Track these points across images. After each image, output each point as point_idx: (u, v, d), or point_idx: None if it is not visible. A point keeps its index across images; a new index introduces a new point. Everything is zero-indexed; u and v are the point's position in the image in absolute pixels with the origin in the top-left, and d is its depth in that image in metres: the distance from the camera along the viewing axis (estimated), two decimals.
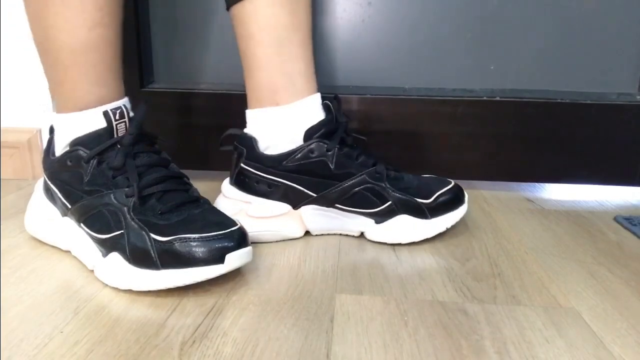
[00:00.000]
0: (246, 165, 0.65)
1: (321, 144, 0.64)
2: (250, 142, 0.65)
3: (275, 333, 0.45)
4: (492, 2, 0.83)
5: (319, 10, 0.84)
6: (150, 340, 0.43)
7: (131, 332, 0.44)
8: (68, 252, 0.60)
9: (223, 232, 0.51)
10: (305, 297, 0.51)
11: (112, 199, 0.54)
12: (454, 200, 0.66)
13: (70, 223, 0.58)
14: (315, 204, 0.66)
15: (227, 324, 0.46)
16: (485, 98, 0.85)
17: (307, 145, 0.64)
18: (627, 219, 0.74)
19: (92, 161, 0.55)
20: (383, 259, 0.61)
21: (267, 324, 0.46)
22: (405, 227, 0.64)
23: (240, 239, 0.51)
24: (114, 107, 0.56)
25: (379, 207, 0.64)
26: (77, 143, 0.56)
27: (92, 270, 0.55)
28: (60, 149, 0.58)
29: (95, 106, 0.56)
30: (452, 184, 0.67)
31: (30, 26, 0.58)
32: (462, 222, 0.68)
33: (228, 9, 0.65)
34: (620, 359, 0.42)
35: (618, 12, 0.83)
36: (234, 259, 0.50)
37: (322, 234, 0.68)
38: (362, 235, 0.67)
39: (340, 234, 0.68)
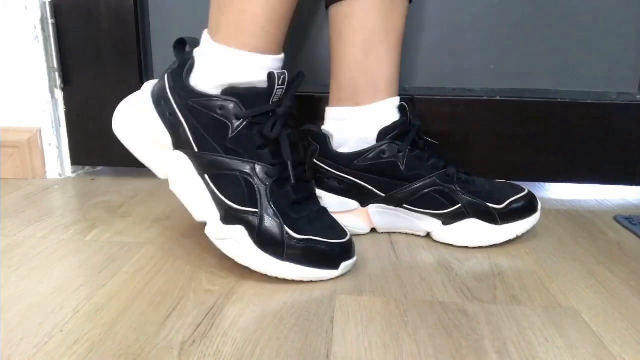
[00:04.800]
0: (319, 161, 0.67)
1: (393, 145, 0.65)
2: (324, 139, 0.67)
3: (275, 333, 0.45)
4: (492, 2, 0.83)
5: (318, 9, 0.84)
6: (150, 340, 0.43)
7: (131, 332, 0.44)
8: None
9: (343, 241, 0.54)
10: (305, 297, 0.51)
11: (252, 170, 0.53)
12: (527, 208, 0.65)
13: (185, 162, 0.55)
14: (383, 203, 0.67)
15: (227, 324, 0.46)
16: (485, 98, 0.85)
17: (379, 146, 0.65)
18: (627, 218, 0.74)
19: (243, 120, 0.53)
20: (383, 259, 0.61)
21: (267, 324, 0.46)
22: (473, 231, 0.64)
23: (353, 249, 0.56)
24: (280, 69, 0.55)
25: (448, 208, 0.64)
26: (233, 93, 0.53)
27: (203, 224, 0.55)
28: (207, 85, 0.55)
29: (263, 51, 0.54)
30: (526, 191, 0.66)
31: None
32: None
33: (327, 8, 0.67)
34: (620, 359, 0.42)
35: (618, 12, 0.83)
36: (346, 267, 0.55)
37: (387, 232, 0.69)
38: (428, 235, 0.67)
39: (407, 233, 0.68)
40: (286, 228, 0.52)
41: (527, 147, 0.86)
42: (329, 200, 0.66)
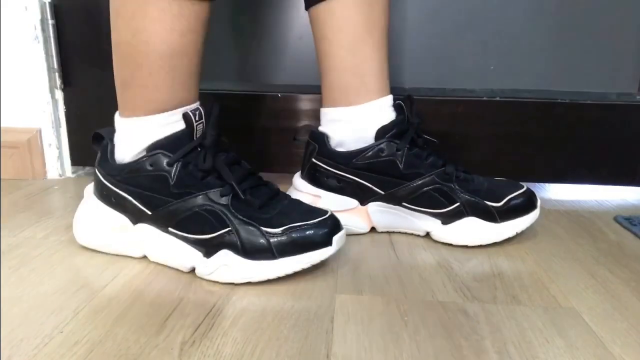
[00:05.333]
0: (318, 160, 0.67)
1: (391, 143, 0.65)
2: (322, 139, 0.67)
3: (275, 333, 0.45)
4: (492, 2, 0.83)
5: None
6: (150, 340, 0.43)
7: (131, 332, 0.44)
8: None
9: (324, 217, 0.55)
10: (305, 297, 0.51)
11: (207, 199, 0.54)
12: (526, 204, 0.65)
13: (148, 229, 0.57)
14: (383, 201, 0.67)
15: (227, 324, 0.46)
16: (485, 98, 0.85)
17: (378, 145, 0.65)
18: (627, 219, 0.74)
19: (176, 164, 0.55)
20: (383, 259, 0.61)
21: (267, 324, 0.46)
22: (472, 230, 0.64)
23: (338, 222, 0.56)
24: (193, 108, 0.56)
25: (447, 207, 0.64)
26: (156, 147, 0.55)
27: (191, 271, 0.55)
28: (131, 154, 0.56)
29: (173, 109, 0.56)
30: (525, 188, 0.66)
31: (115, 27, 0.57)
32: None
33: (307, 9, 0.67)
34: (620, 359, 0.42)
35: (618, 12, 0.83)
36: (339, 240, 0.55)
37: (387, 232, 0.69)
38: (427, 235, 0.67)
39: (406, 233, 0.68)
40: (264, 229, 0.53)
41: (527, 147, 0.86)
42: (328, 199, 0.67)
